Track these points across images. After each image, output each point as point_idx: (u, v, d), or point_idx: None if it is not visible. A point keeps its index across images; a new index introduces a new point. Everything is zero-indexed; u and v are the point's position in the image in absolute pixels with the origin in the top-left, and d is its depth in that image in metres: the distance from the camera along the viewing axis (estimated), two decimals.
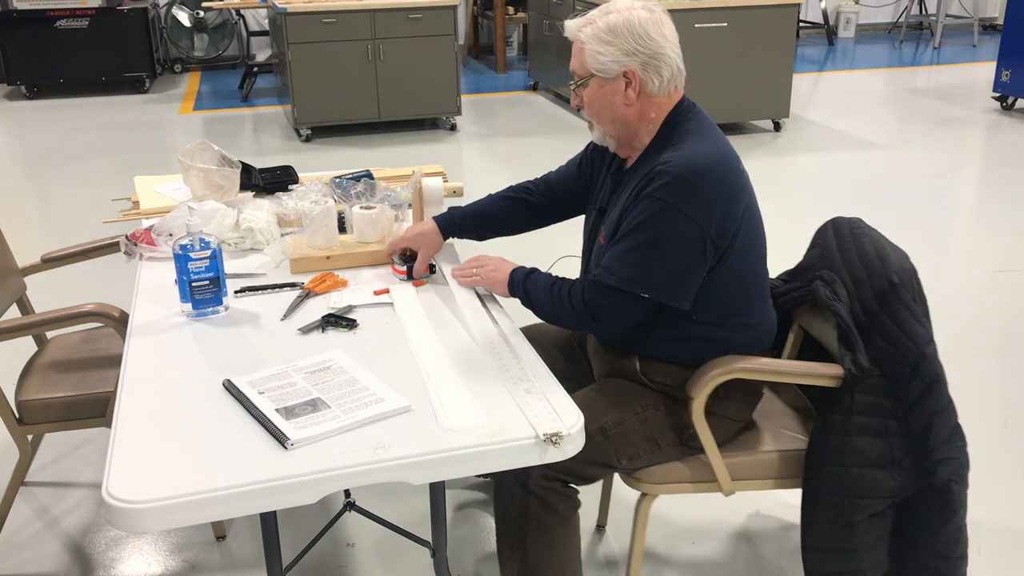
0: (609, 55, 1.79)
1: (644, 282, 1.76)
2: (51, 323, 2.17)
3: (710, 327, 1.86)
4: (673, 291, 1.77)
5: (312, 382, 1.63)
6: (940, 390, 1.79)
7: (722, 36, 5.95)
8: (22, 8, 7.45)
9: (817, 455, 1.86)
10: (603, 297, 1.79)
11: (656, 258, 1.75)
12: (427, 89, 6.42)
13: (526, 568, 1.86)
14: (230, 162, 2.50)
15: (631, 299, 1.78)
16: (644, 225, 1.75)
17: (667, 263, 1.75)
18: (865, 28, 11.05)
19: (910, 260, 1.89)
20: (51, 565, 2.34)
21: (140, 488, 1.34)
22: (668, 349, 1.89)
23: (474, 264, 2.00)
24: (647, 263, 1.75)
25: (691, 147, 1.77)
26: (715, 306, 1.84)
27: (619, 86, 1.82)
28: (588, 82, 1.84)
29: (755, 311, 1.90)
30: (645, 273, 1.75)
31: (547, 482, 1.81)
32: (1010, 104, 6.99)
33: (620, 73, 1.80)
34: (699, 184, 1.73)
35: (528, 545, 1.84)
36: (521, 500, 1.83)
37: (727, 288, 1.83)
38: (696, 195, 1.73)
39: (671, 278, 1.76)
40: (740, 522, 2.49)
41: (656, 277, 1.75)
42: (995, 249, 4.30)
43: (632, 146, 1.90)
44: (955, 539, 1.84)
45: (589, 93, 1.85)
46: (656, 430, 1.89)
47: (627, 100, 1.82)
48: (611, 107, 1.84)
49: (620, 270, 1.77)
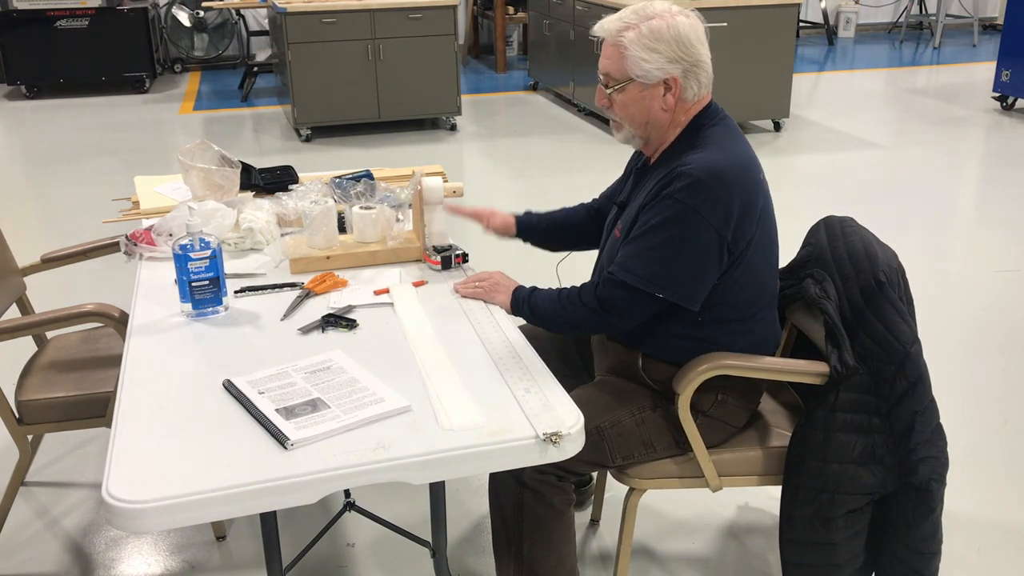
0: (654, 62, 1.79)
1: (659, 282, 1.78)
2: (51, 323, 2.17)
3: (714, 330, 1.87)
4: (687, 292, 1.79)
5: (312, 382, 1.63)
6: (923, 389, 1.80)
7: (722, 36, 5.95)
8: (22, 8, 7.45)
9: (799, 450, 1.87)
10: (617, 293, 1.81)
11: (673, 259, 1.76)
12: (427, 89, 6.43)
13: (522, 563, 1.86)
14: (230, 162, 2.50)
15: (645, 297, 1.79)
16: (663, 225, 1.76)
17: (683, 264, 1.76)
18: (865, 28, 11.06)
19: (898, 259, 1.90)
20: (51, 565, 2.34)
21: (140, 488, 1.34)
22: (671, 348, 1.90)
23: (477, 279, 2.00)
24: (664, 263, 1.77)
25: (714, 151, 1.78)
26: (721, 310, 1.85)
27: (659, 92, 1.82)
28: (626, 87, 1.83)
29: (760, 318, 1.91)
30: (661, 273, 1.77)
31: (541, 475, 1.82)
32: (1010, 104, 6.99)
33: (662, 80, 1.81)
34: (718, 188, 1.74)
35: (524, 540, 1.85)
36: (516, 494, 1.84)
37: (735, 293, 1.85)
38: (715, 199, 1.74)
39: (686, 279, 1.78)
40: (729, 516, 2.50)
41: (672, 277, 1.77)
42: (995, 249, 4.30)
43: (658, 144, 1.91)
44: (931, 535, 1.87)
45: (625, 97, 1.84)
46: (652, 432, 1.90)
47: (664, 105, 1.83)
48: (647, 111, 1.84)
49: (636, 268, 1.78)
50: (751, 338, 1.90)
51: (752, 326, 1.89)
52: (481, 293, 1.97)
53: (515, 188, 5.21)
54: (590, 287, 1.85)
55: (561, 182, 5.29)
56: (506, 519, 1.87)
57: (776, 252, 1.92)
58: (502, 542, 1.89)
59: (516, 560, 1.87)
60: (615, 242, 1.91)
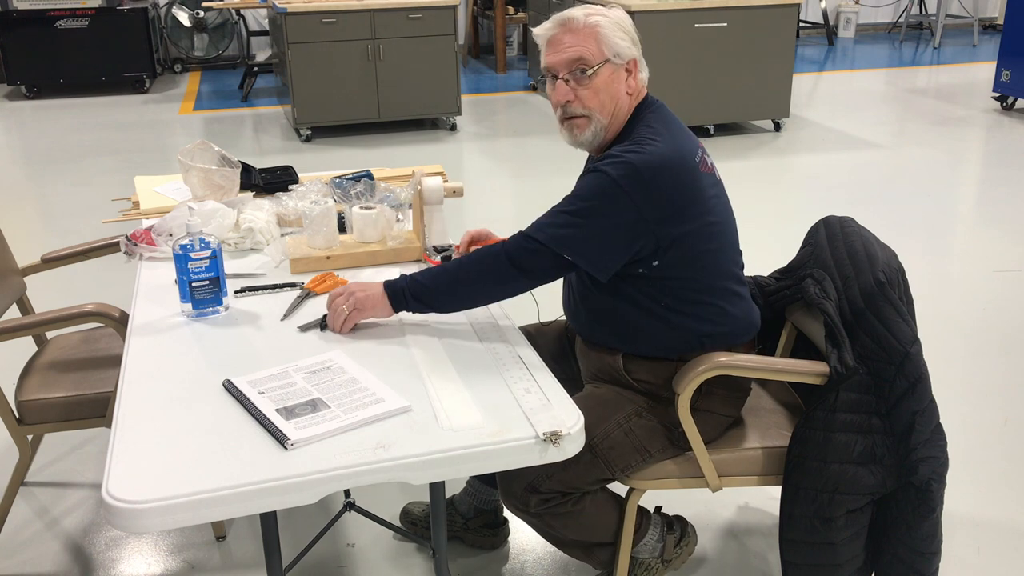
0: (624, 41, 1.86)
1: (568, 244, 1.79)
2: (51, 323, 2.17)
3: (683, 317, 1.87)
4: (594, 261, 1.80)
5: (312, 382, 1.63)
6: (923, 389, 1.80)
7: (722, 36, 5.95)
8: (22, 8, 7.45)
9: (799, 450, 1.88)
10: (526, 249, 1.81)
11: (586, 226, 1.78)
12: (427, 89, 6.43)
13: (579, 542, 1.98)
14: (230, 162, 2.50)
15: (553, 257, 1.80)
16: (585, 195, 1.79)
17: (595, 233, 1.78)
18: (865, 28, 11.06)
19: (898, 259, 1.90)
20: (51, 565, 2.34)
21: (140, 488, 1.35)
22: (640, 343, 1.91)
23: (336, 303, 1.83)
24: (576, 227, 1.78)
25: (651, 142, 1.81)
26: (681, 293, 1.85)
27: (623, 75, 1.87)
28: (600, 69, 1.84)
29: (730, 300, 1.90)
30: (572, 236, 1.78)
31: (547, 505, 1.88)
32: (1010, 104, 6.99)
33: (627, 62, 1.87)
34: (651, 182, 1.76)
35: (566, 538, 1.97)
36: (532, 523, 1.93)
37: (689, 274, 1.85)
38: (645, 190, 1.75)
39: (595, 248, 1.79)
40: (729, 516, 2.50)
41: (581, 242, 1.79)
42: (995, 249, 4.30)
43: (610, 139, 1.92)
44: (931, 535, 1.87)
45: (599, 81, 1.85)
46: (644, 438, 1.90)
47: (629, 88, 1.88)
48: (616, 95, 1.87)
49: (548, 228, 1.80)
50: (720, 322, 1.89)
51: (725, 308, 1.89)
52: (354, 315, 1.82)
53: (515, 188, 5.21)
54: (500, 246, 1.83)
55: (561, 182, 5.29)
56: (539, 532, 1.97)
57: (732, 230, 1.91)
58: (555, 544, 2.01)
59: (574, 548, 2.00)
60: None
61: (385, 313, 1.85)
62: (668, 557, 2.11)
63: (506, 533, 2.38)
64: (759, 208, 4.87)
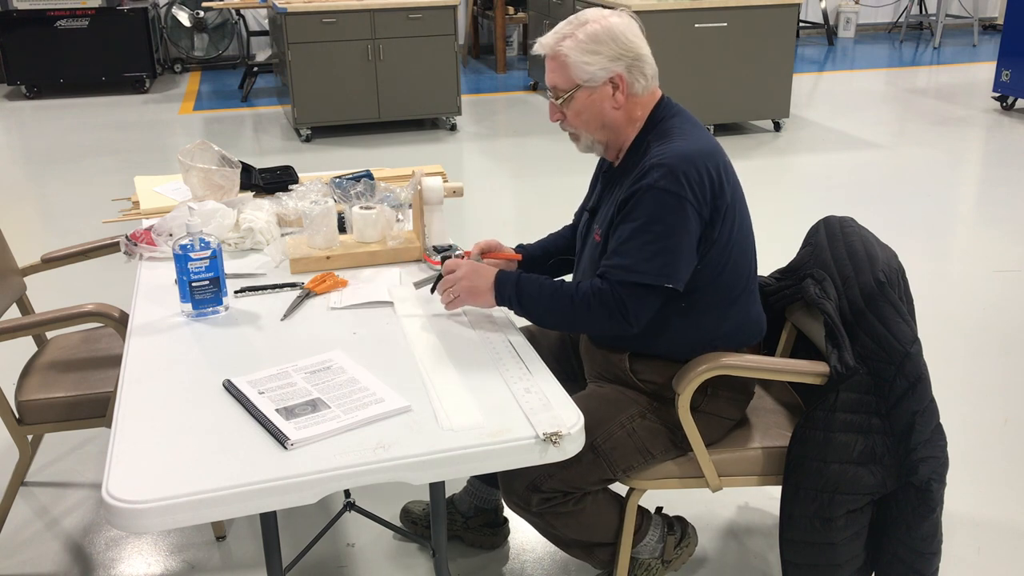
0: (596, 64, 1.82)
1: (668, 272, 1.77)
2: (51, 323, 2.17)
3: (698, 316, 1.87)
4: (684, 277, 1.80)
5: (312, 382, 1.63)
6: (923, 389, 1.80)
7: (722, 36, 5.95)
8: (22, 8, 7.45)
9: (799, 450, 1.88)
10: (630, 295, 1.78)
11: (673, 247, 1.77)
12: (427, 89, 6.42)
13: (580, 542, 1.97)
14: (230, 162, 2.50)
15: (657, 292, 1.79)
16: (652, 218, 1.76)
17: (683, 250, 1.78)
18: (865, 28, 11.06)
19: (898, 259, 1.90)
20: (51, 565, 2.34)
21: (140, 488, 1.35)
22: (656, 342, 1.90)
23: (448, 282, 1.89)
24: (667, 253, 1.77)
25: (678, 140, 1.81)
26: (703, 294, 1.85)
27: (607, 92, 1.85)
28: (574, 95, 1.85)
29: (742, 300, 1.91)
30: (668, 263, 1.77)
31: (548, 504, 1.88)
32: (1010, 104, 6.99)
33: (607, 79, 1.83)
34: (690, 171, 1.76)
35: (567, 537, 1.96)
36: (533, 522, 1.93)
37: (715, 275, 1.85)
38: (690, 181, 1.76)
39: (688, 264, 1.79)
40: (729, 516, 2.50)
41: (677, 265, 1.78)
42: (995, 249, 4.30)
43: (619, 147, 1.92)
44: (931, 535, 1.87)
45: (577, 105, 1.86)
46: (647, 440, 1.90)
47: (615, 103, 1.85)
48: (600, 114, 1.86)
49: (642, 266, 1.77)
50: (734, 324, 1.90)
51: (737, 309, 1.90)
52: (459, 300, 1.88)
53: (515, 188, 5.22)
54: (590, 289, 1.80)
55: (561, 182, 5.29)
56: (542, 533, 1.97)
57: (751, 236, 1.92)
58: (556, 544, 2.01)
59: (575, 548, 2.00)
60: (595, 246, 1.91)
61: (486, 305, 1.89)
62: (668, 558, 2.11)
63: (506, 533, 2.38)
64: (759, 208, 4.87)
